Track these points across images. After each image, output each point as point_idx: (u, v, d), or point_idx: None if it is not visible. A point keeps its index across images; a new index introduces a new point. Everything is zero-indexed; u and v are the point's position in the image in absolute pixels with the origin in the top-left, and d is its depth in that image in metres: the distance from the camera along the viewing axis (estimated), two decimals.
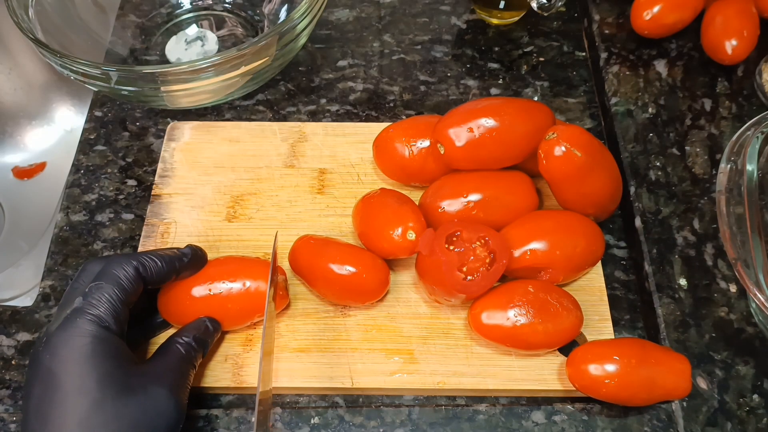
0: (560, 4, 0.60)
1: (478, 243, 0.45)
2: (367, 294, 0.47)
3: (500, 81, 0.63)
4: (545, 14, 0.61)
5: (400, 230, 0.46)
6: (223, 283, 0.45)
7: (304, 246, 0.48)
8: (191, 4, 0.69)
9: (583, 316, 0.46)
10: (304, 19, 0.55)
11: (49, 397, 0.36)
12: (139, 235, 0.53)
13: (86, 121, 0.61)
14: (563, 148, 0.45)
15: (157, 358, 0.41)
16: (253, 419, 0.40)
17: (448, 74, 0.64)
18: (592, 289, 0.50)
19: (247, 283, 0.45)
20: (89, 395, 0.36)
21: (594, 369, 0.42)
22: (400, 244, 0.46)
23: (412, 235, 0.46)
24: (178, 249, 0.45)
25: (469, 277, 0.44)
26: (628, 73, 0.61)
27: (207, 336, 0.44)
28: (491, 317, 0.44)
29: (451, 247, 0.45)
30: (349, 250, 0.47)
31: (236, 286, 0.45)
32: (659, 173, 0.54)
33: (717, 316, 0.47)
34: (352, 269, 0.46)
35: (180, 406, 0.39)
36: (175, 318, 0.46)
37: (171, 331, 0.47)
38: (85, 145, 0.59)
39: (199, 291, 0.45)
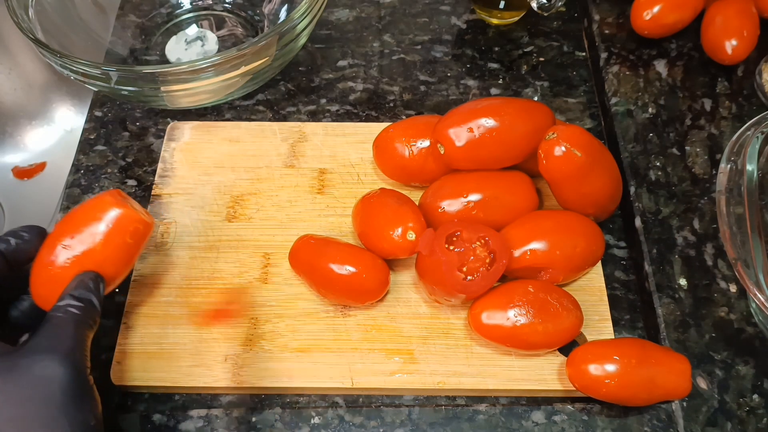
0: (560, 4, 0.60)
1: (478, 243, 0.45)
2: (367, 294, 0.47)
3: (500, 81, 0.63)
4: (545, 14, 0.61)
5: (400, 230, 0.46)
6: (76, 236, 0.40)
7: (304, 246, 0.48)
8: (191, 4, 0.69)
9: (583, 316, 0.46)
10: (304, 19, 0.55)
11: None
12: None
13: (86, 121, 0.61)
14: (563, 148, 0.45)
15: (31, 334, 0.38)
16: None
17: (448, 74, 0.64)
18: (592, 289, 0.50)
19: (103, 223, 0.41)
20: None
21: (594, 369, 0.42)
22: (400, 244, 0.46)
23: (412, 236, 0.46)
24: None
25: (469, 277, 0.44)
26: (628, 73, 0.61)
27: (87, 288, 0.40)
28: (491, 317, 0.44)
29: (451, 247, 0.45)
30: (349, 250, 0.47)
31: (93, 230, 0.40)
32: (659, 173, 0.54)
33: (717, 316, 0.47)
34: (352, 269, 0.46)
35: (68, 363, 0.36)
36: (49, 301, 0.41)
37: None
38: (85, 145, 0.59)
39: (59, 257, 0.40)
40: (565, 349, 0.46)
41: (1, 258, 0.39)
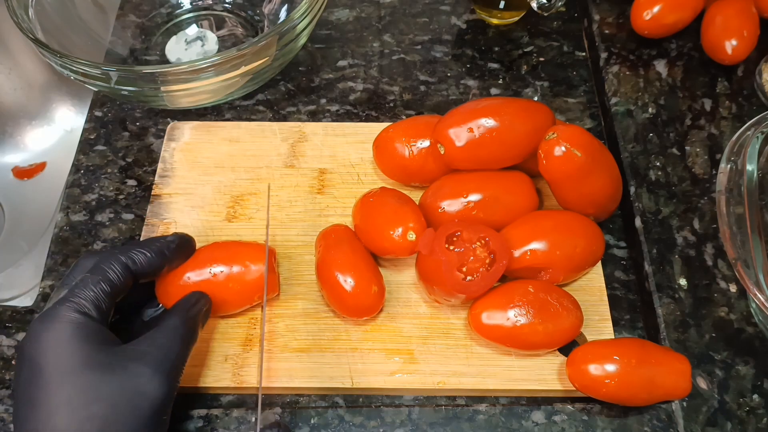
0: (560, 4, 0.60)
1: (478, 243, 0.45)
2: (356, 310, 0.47)
3: (500, 81, 0.63)
4: (545, 14, 0.61)
5: (400, 230, 0.46)
6: (219, 266, 0.45)
7: (332, 233, 0.49)
8: (191, 4, 0.69)
9: (583, 316, 0.46)
10: (304, 19, 0.55)
11: (34, 382, 0.36)
12: (139, 235, 0.53)
13: (86, 121, 0.61)
14: (563, 148, 0.45)
15: (142, 338, 0.40)
16: (257, 416, 0.40)
17: (448, 74, 0.64)
18: (592, 289, 0.50)
19: (246, 266, 0.45)
20: (70, 378, 0.36)
21: (594, 369, 0.42)
22: (400, 244, 0.46)
23: (412, 236, 0.46)
24: (164, 237, 0.44)
25: (468, 278, 0.44)
26: (628, 73, 0.61)
27: (198, 311, 0.43)
28: (491, 317, 0.44)
29: (451, 247, 0.45)
30: (353, 261, 0.47)
31: (233, 269, 0.45)
32: (659, 173, 0.54)
33: (717, 316, 0.47)
34: (352, 282, 0.46)
35: (167, 384, 0.38)
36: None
37: None
38: (85, 145, 0.59)
39: (195, 276, 0.45)
40: (565, 349, 0.46)
41: (128, 273, 0.41)
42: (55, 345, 0.37)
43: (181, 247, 0.45)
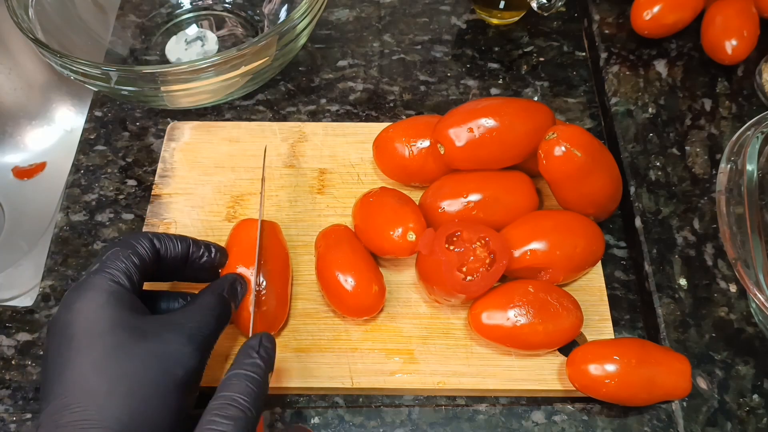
0: (560, 4, 0.60)
1: (478, 243, 0.45)
2: (357, 310, 0.47)
3: (500, 81, 0.63)
4: (545, 14, 0.61)
5: (400, 231, 0.46)
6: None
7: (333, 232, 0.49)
8: (191, 4, 0.69)
9: (583, 316, 0.46)
10: (304, 19, 0.55)
11: (65, 345, 0.37)
12: None
13: (86, 121, 0.61)
14: (563, 148, 0.45)
15: (176, 311, 0.41)
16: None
17: (448, 74, 0.64)
18: (592, 289, 0.50)
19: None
20: (103, 340, 0.36)
21: (594, 369, 0.42)
22: (400, 244, 0.46)
23: (412, 236, 0.46)
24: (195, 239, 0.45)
25: (468, 278, 0.44)
26: (628, 73, 0.61)
27: (233, 290, 0.44)
28: (491, 317, 0.44)
29: (451, 247, 0.45)
30: (353, 260, 0.47)
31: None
32: (659, 173, 0.54)
33: (717, 316, 0.47)
34: (352, 282, 0.46)
35: (199, 355, 0.39)
36: None
37: None
38: (85, 145, 0.59)
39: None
40: (565, 349, 0.46)
41: (154, 249, 0.42)
42: (89, 310, 0.37)
43: (209, 260, 0.45)
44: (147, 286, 0.42)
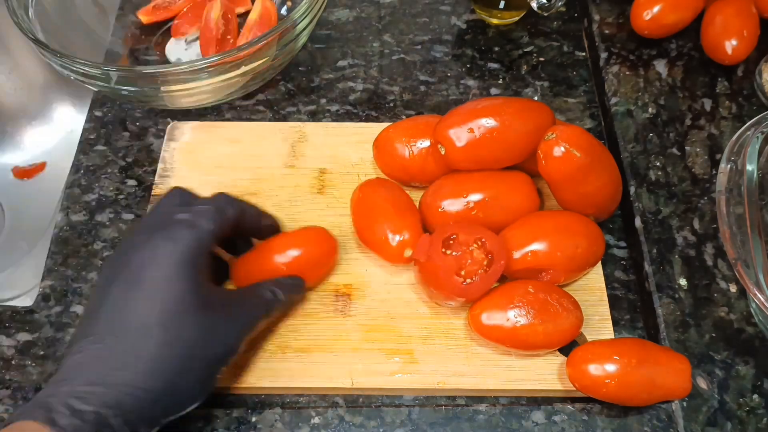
0: (560, 4, 0.60)
1: (475, 245, 0.45)
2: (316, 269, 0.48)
3: (500, 81, 0.63)
4: (545, 14, 0.61)
5: (396, 241, 0.47)
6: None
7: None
8: None
9: (583, 316, 0.46)
10: (304, 19, 0.55)
11: (132, 288, 0.37)
12: None
13: (86, 121, 0.61)
14: (562, 149, 0.45)
15: (239, 291, 0.43)
16: None
17: (448, 74, 0.64)
18: (592, 289, 0.50)
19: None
20: (174, 302, 0.37)
21: (594, 369, 0.42)
22: (396, 256, 0.47)
23: (408, 253, 0.47)
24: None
25: (467, 280, 0.44)
26: (628, 73, 0.61)
27: (294, 292, 0.46)
28: (491, 318, 0.44)
29: (448, 251, 0.45)
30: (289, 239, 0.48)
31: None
32: (659, 173, 0.54)
33: (717, 316, 0.47)
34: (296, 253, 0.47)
35: (242, 339, 0.41)
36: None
37: None
38: (85, 145, 0.59)
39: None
40: (565, 349, 0.46)
41: (237, 217, 0.43)
42: (171, 262, 0.38)
43: (268, 228, 0.48)
44: None
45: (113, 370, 0.36)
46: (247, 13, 0.66)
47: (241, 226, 0.44)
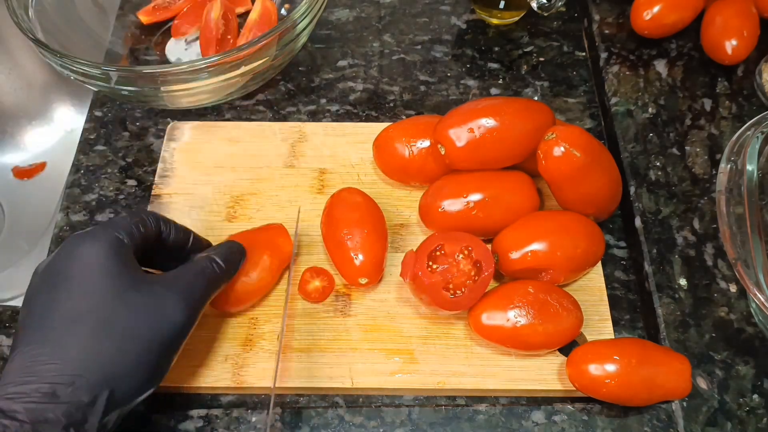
0: (560, 4, 0.60)
1: (461, 255, 0.45)
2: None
3: (500, 81, 0.63)
4: (545, 14, 0.61)
5: (355, 266, 0.47)
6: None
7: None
8: None
9: (583, 316, 0.46)
10: (304, 19, 0.55)
11: (57, 290, 0.37)
12: None
13: (86, 121, 0.61)
14: (562, 149, 0.45)
15: (170, 272, 0.42)
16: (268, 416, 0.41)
17: (448, 74, 0.64)
18: (592, 289, 0.50)
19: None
20: (99, 288, 0.37)
21: (594, 369, 0.42)
22: (355, 282, 0.48)
23: (363, 281, 0.47)
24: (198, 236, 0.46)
25: (457, 292, 0.44)
26: (628, 73, 0.61)
27: (232, 256, 0.45)
28: (491, 318, 0.44)
29: (435, 265, 0.45)
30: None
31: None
32: (659, 173, 0.54)
33: (717, 316, 0.47)
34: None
35: (188, 313, 0.39)
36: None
37: None
38: (85, 145, 0.59)
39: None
40: (565, 349, 0.46)
41: (158, 226, 0.43)
42: (89, 257, 0.38)
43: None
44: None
45: (45, 364, 0.35)
46: (247, 13, 0.66)
47: (165, 238, 0.43)
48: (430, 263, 0.45)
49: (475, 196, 0.48)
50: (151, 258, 0.43)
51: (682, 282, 0.49)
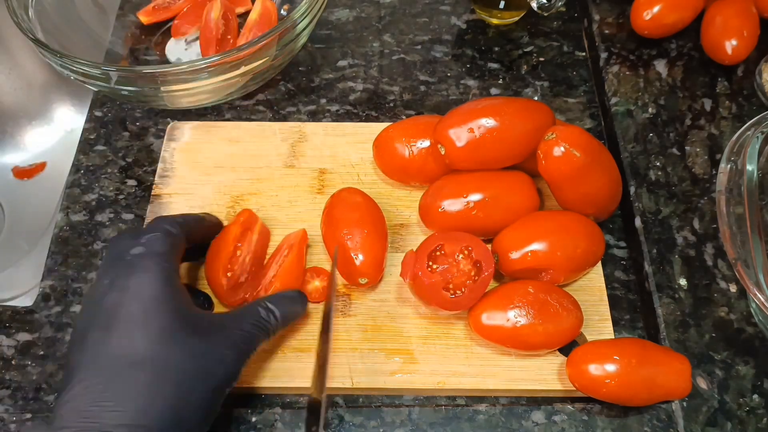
0: (560, 4, 0.60)
1: (461, 255, 0.45)
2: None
3: (500, 81, 0.63)
4: (545, 14, 0.61)
5: (355, 266, 0.47)
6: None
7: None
8: None
9: (583, 316, 0.46)
10: (304, 19, 0.55)
11: (115, 328, 0.36)
12: None
13: (86, 121, 0.61)
14: (562, 149, 0.45)
15: (231, 313, 0.41)
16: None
17: (448, 74, 0.64)
18: (592, 289, 0.50)
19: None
20: (157, 329, 0.36)
21: (594, 369, 0.42)
22: (355, 282, 0.48)
23: (363, 281, 0.47)
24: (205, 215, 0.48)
25: (457, 292, 0.44)
26: (628, 73, 0.61)
27: (292, 309, 0.44)
28: (491, 318, 0.44)
29: (435, 265, 0.45)
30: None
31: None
32: (659, 173, 0.54)
33: (717, 316, 0.47)
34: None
35: (243, 361, 0.40)
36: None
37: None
38: (85, 145, 0.59)
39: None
40: (565, 349, 0.46)
41: (183, 232, 0.43)
42: (145, 293, 0.37)
43: (208, 223, 0.47)
44: None
45: (106, 410, 0.34)
46: (247, 13, 0.66)
47: (191, 237, 0.44)
48: (430, 263, 0.45)
49: (475, 196, 0.48)
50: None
51: (682, 282, 0.49)
